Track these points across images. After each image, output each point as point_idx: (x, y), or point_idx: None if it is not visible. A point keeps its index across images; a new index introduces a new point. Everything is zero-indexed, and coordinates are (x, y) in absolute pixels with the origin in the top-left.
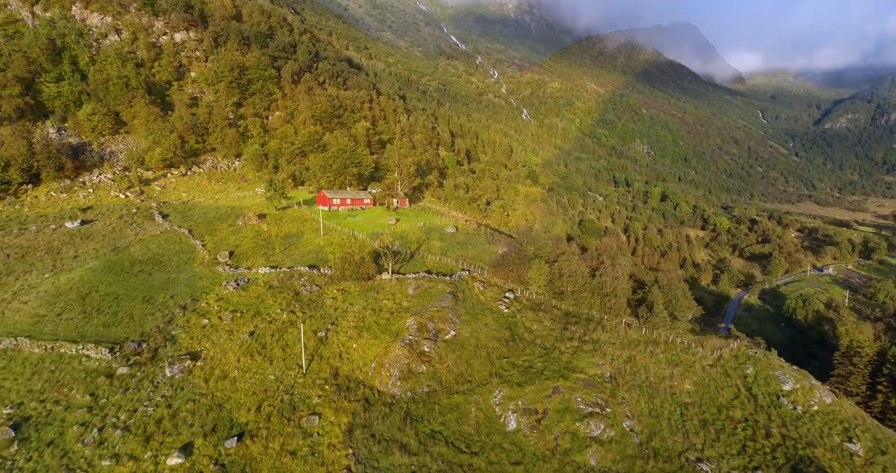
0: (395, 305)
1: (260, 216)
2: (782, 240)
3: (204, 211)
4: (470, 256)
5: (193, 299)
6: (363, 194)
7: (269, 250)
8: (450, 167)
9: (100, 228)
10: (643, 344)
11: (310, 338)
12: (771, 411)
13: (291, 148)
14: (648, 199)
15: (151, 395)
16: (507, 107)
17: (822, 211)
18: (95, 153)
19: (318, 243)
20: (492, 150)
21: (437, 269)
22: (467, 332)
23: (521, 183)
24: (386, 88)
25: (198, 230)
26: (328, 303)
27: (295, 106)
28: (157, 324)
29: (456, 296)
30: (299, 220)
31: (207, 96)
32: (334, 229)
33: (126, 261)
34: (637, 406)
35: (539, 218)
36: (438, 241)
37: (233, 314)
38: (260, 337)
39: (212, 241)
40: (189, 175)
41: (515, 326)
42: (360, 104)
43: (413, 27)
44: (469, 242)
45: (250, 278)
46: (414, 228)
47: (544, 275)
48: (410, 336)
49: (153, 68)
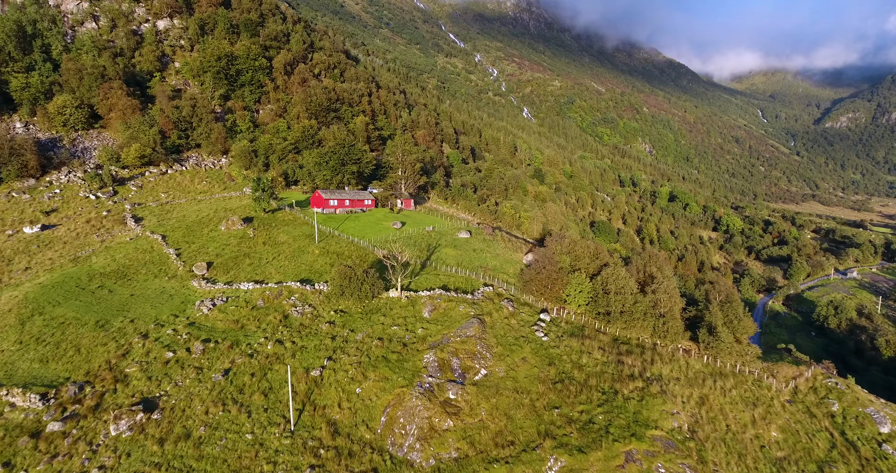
0: (408, 333)
1: (246, 220)
2: (800, 242)
3: (183, 214)
4: (491, 267)
5: (158, 323)
6: (363, 195)
7: (255, 260)
8: (455, 165)
9: (62, 233)
10: (711, 378)
11: (300, 379)
12: (879, 465)
13: (284, 144)
14: (656, 199)
15: (87, 465)
16: (507, 105)
17: (827, 211)
18: (66, 150)
19: (313, 252)
20: (495, 147)
21: (454, 284)
22: (502, 370)
23: (528, 182)
24: (386, 80)
25: (173, 237)
26: (324, 329)
27: (288, 99)
28: (109, 358)
29: (482, 321)
30: (291, 224)
31: (192, 89)
32: (331, 235)
33: (84, 274)
34: None
35: (553, 220)
36: (452, 248)
37: (205, 344)
38: (237, 377)
39: (189, 249)
40: (170, 174)
41: (560, 360)
42: (358, 98)
43: (410, 24)
44: (487, 249)
45: (230, 295)
46: (422, 233)
47: (586, 292)
48: (430, 378)
49: (133, 58)
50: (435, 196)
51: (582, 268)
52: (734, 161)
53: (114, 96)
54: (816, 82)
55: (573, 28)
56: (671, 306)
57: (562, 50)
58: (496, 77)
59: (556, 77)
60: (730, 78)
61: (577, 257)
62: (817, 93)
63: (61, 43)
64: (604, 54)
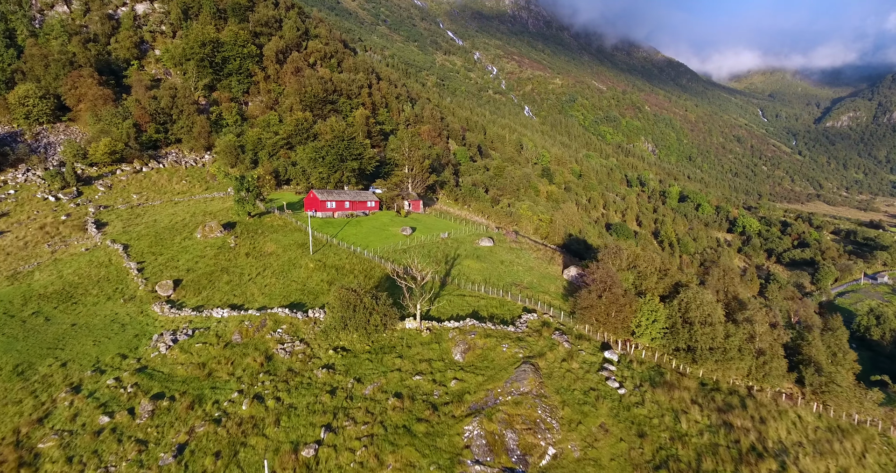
0: (437, 386)
1: (227, 226)
2: (822, 244)
3: (155, 219)
4: (526, 283)
5: (98, 369)
6: (366, 196)
7: (234, 276)
8: (463, 163)
9: (7, 243)
10: (834, 438)
11: (286, 464)
12: None
13: (275, 138)
14: (666, 199)
15: None
16: (508, 103)
17: (833, 211)
18: (26, 145)
19: (306, 266)
20: (501, 145)
21: (486, 309)
22: (576, 448)
23: (538, 182)
24: (386, 73)
25: (138, 247)
26: (320, 378)
27: (280, 90)
28: (18, 425)
29: (535, 366)
30: (280, 231)
31: (174, 78)
32: (329, 243)
33: (19, 296)
34: None
35: (571, 222)
36: (474, 260)
37: (156, 402)
38: (195, 459)
39: (154, 263)
40: (145, 172)
41: (651, 426)
42: (357, 89)
43: (408, 22)
44: (516, 261)
45: (199, 326)
46: (436, 241)
47: (661, 322)
48: (478, 466)
49: (109, 45)
50: (444, 197)
51: (649, 289)
52: (736, 161)
53: (83, 85)
54: (815, 82)
55: (572, 26)
56: (773, 341)
57: (561, 48)
58: (496, 75)
59: (557, 75)
60: (728, 77)
61: (641, 275)
62: (816, 92)
63: (28, 27)
64: (603, 53)
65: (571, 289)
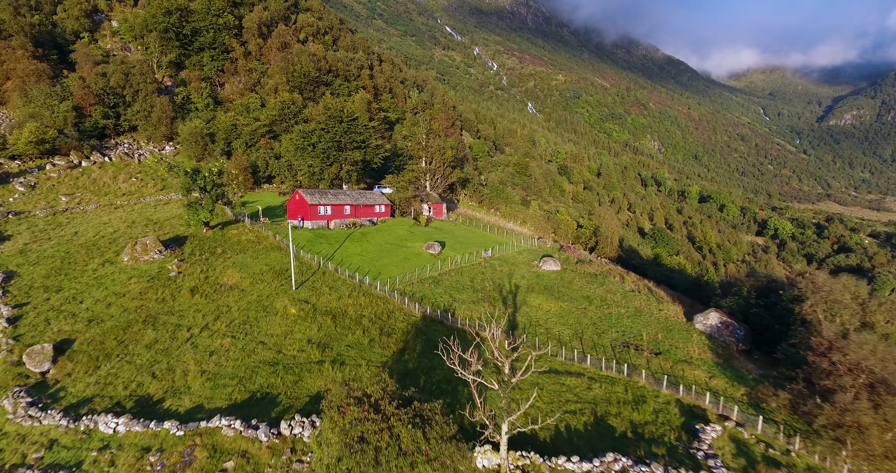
0: None
1: (171, 243)
2: (868, 249)
3: (76, 231)
4: (647, 342)
5: None
6: (373, 197)
7: (164, 334)
8: (481, 158)
9: None
10: None
11: None
12: None
13: (254, 125)
14: (686, 199)
15: None
16: (510, 99)
17: (846, 211)
18: None
19: (285, 313)
20: (513, 140)
21: (608, 402)
22: None
23: (562, 180)
24: (389, 55)
25: (28, 276)
26: None
27: (263, 69)
28: None
29: None
30: (250, 249)
31: (134, 55)
32: (322, 270)
33: None
34: None
35: (610, 228)
36: (545, 296)
37: None
38: None
39: (42, 307)
40: (84, 167)
41: None
42: (356, 69)
43: (405, 16)
44: (609, 297)
45: (62, 463)
46: (478, 264)
47: None
48: None
49: (56, 14)
50: (465, 198)
51: None
52: (742, 160)
53: (12, 59)
54: (815, 80)
55: (571, 23)
56: None
57: (561, 45)
58: (496, 71)
59: (560, 71)
60: (728, 75)
61: (852, 325)
62: (816, 91)
63: None
64: (602, 50)
65: (723, 354)
